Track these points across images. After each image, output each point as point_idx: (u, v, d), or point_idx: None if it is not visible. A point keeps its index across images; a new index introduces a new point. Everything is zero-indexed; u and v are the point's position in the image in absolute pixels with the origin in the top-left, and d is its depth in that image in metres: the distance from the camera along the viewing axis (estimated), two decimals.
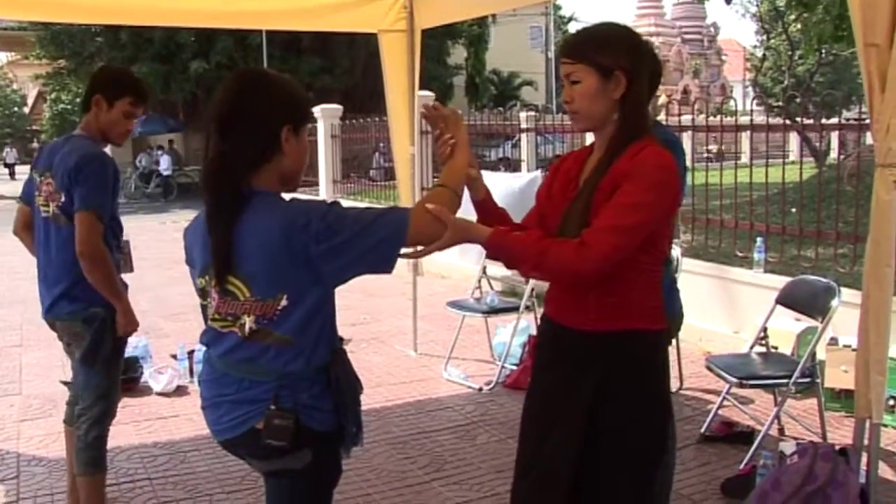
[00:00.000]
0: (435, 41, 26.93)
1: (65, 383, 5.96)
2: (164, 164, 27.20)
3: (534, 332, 6.60)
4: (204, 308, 2.41)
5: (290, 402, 2.28)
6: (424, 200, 2.35)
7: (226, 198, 2.28)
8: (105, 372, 3.78)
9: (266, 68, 2.06)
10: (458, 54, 32.25)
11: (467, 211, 2.52)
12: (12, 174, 39.82)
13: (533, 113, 10.95)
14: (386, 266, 2.24)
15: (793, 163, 9.25)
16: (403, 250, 2.28)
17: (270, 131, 2.29)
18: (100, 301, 3.67)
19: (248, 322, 2.28)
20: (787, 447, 4.11)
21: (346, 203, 2.39)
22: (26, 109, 57.29)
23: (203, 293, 2.39)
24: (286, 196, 2.35)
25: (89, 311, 3.69)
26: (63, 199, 3.63)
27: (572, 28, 47.74)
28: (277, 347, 2.28)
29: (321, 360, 2.32)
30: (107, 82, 3.75)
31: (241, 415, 2.32)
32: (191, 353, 6.30)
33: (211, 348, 2.42)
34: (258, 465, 2.52)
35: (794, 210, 8.43)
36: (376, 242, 2.20)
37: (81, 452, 3.77)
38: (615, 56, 2.39)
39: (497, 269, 7.93)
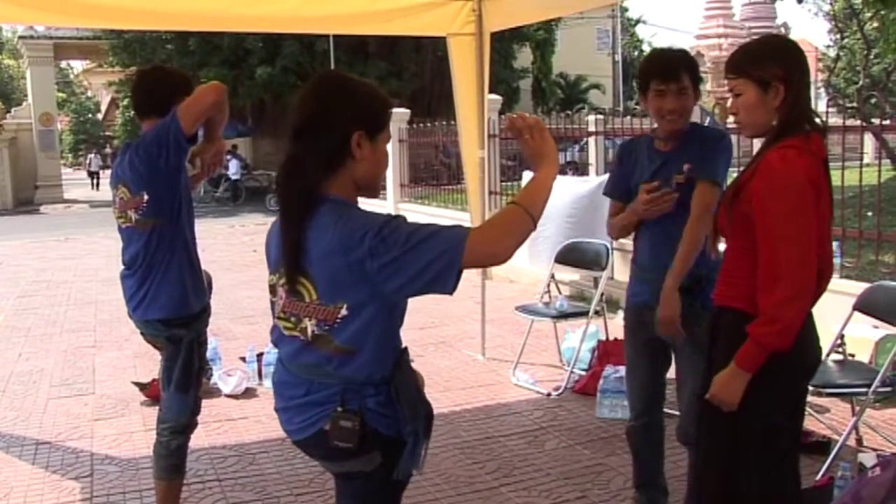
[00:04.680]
0: (501, 45, 26.88)
1: (136, 384, 6.07)
2: (233, 169, 27.52)
3: (603, 336, 6.55)
4: (272, 304, 2.44)
5: (355, 404, 2.28)
6: (492, 219, 2.28)
7: (294, 201, 2.29)
8: (194, 391, 3.80)
9: (350, 73, 2.05)
10: (524, 58, 32.12)
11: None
12: (95, 183, 35.79)
13: (601, 116, 10.82)
14: (443, 287, 2.14)
15: (868, 165, 9.03)
16: None
17: (340, 135, 2.27)
18: (178, 313, 3.68)
19: (310, 326, 2.29)
20: (867, 458, 4.00)
21: (413, 207, 2.36)
22: (100, 116, 58.62)
23: (272, 290, 2.43)
24: (352, 205, 2.31)
25: (172, 332, 3.70)
26: (146, 198, 3.55)
27: (639, 30, 47.27)
28: (340, 357, 2.28)
29: (384, 372, 2.31)
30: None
31: (309, 416, 2.34)
32: (259, 355, 6.36)
33: (279, 349, 2.45)
34: (329, 467, 2.53)
35: (870, 214, 8.21)
36: (429, 261, 2.12)
37: (163, 459, 3.78)
38: (770, 68, 2.61)
39: (566, 274, 7.86)
